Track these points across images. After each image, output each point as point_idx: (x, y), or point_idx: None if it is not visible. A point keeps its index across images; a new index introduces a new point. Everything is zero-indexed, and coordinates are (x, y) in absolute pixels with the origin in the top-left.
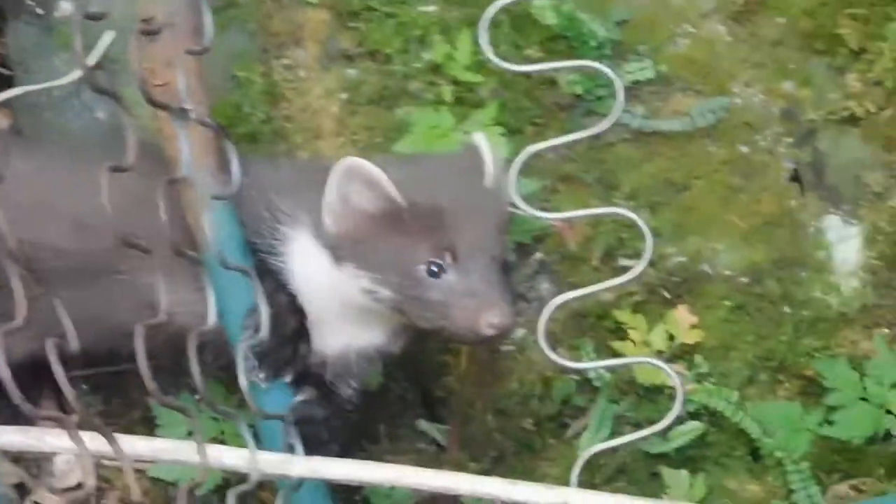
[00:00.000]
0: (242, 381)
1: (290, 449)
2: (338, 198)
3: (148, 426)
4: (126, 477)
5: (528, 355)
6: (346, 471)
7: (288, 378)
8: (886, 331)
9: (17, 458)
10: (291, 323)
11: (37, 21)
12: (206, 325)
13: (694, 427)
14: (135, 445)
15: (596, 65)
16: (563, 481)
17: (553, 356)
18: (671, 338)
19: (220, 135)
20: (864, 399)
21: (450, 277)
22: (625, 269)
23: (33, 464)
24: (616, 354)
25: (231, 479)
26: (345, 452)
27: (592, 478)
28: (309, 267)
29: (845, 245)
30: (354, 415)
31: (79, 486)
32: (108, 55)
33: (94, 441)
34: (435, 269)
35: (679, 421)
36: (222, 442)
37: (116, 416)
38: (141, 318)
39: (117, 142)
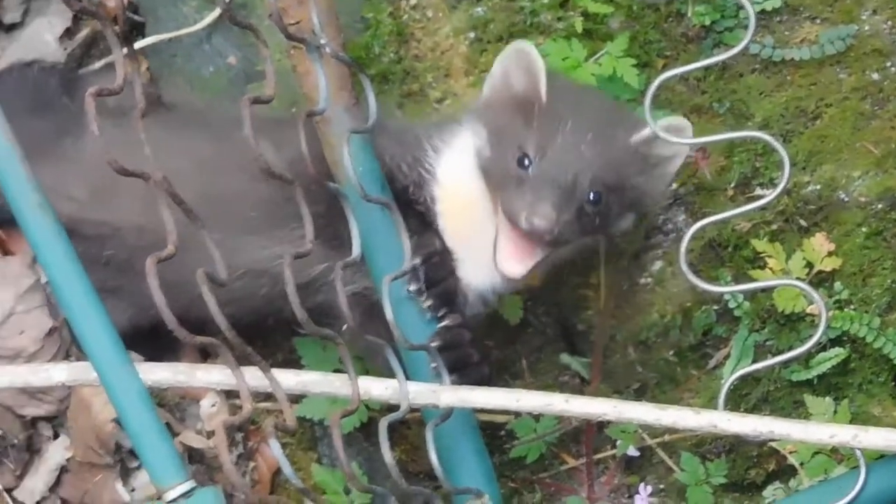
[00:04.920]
0: (389, 313)
1: (438, 378)
2: (500, 72)
3: (293, 367)
4: (281, 406)
5: (667, 287)
6: (494, 399)
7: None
8: None
9: (161, 402)
10: (452, 255)
11: None
12: (349, 257)
13: (836, 353)
14: (285, 379)
15: None
16: None
17: (696, 280)
18: (809, 266)
19: (355, 69)
20: None
21: (529, 172)
22: (760, 199)
23: (176, 409)
24: None
25: (376, 418)
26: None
27: (737, 408)
28: (457, 190)
29: None
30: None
31: None
32: None
33: (246, 374)
34: (526, 162)
35: (821, 347)
36: None
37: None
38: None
39: None
